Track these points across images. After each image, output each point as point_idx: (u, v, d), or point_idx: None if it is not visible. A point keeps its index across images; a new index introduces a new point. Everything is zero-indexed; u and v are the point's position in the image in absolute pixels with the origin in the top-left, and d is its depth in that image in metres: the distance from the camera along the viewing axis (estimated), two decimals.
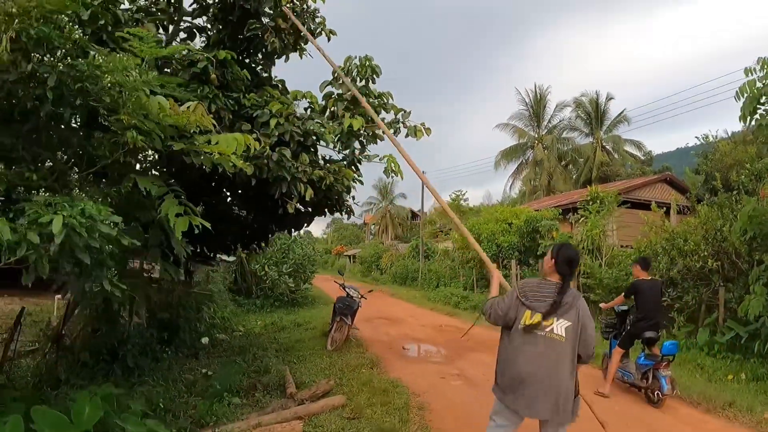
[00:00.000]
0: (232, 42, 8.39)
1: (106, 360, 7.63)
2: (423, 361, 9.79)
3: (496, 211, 21.79)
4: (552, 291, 3.69)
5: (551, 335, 3.62)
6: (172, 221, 4.88)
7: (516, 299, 3.73)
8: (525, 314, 3.65)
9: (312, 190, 7.18)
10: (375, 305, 19.71)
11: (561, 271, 3.78)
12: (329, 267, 56.72)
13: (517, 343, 3.69)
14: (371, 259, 40.59)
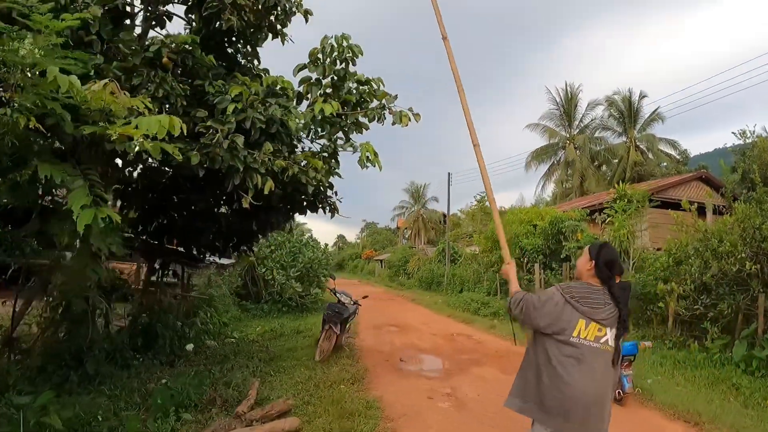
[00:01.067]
0: (207, 29, 7.73)
1: (70, 366, 7.12)
2: (417, 375, 8.83)
3: (520, 213, 20.68)
4: (602, 299, 3.19)
5: (605, 347, 3.15)
6: (75, 213, 4.29)
7: (565, 303, 3.18)
8: (579, 323, 3.14)
9: (272, 183, 6.40)
10: (389, 311, 19.06)
11: (601, 276, 3.25)
12: (359, 271, 56.30)
13: (567, 355, 3.14)
14: (399, 263, 39.78)
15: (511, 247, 18.45)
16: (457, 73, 4.23)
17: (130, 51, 6.25)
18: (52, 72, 4.23)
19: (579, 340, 3.12)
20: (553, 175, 41.04)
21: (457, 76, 4.22)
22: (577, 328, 3.12)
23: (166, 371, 8.07)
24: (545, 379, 3.19)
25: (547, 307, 3.20)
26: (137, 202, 9.81)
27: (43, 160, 4.62)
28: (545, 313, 3.19)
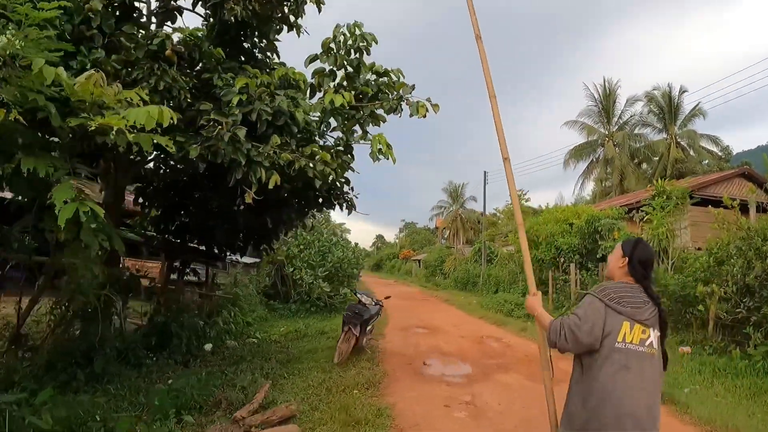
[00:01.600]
0: (221, 23, 7.58)
1: (80, 364, 7.00)
2: (437, 381, 8.43)
3: (556, 211, 20.04)
4: (642, 297, 2.89)
5: (651, 350, 2.84)
6: (58, 207, 4.15)
7: (605, 307, 2.85)
8: (624, 326, 2.81)
9: (278, 177, 6.15)
10: (420, 312, 18.74)
11: (636, 274, 2.98)
12: (396, 271, 56.03)
13: (614, 364, 2.79)
14: (435, 263, 39.34)
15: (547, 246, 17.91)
16: (489, 76, 3.85)
17: (134, 44, 6.10)
18: (37, 64, 4.08)
19: (625, 345, 2.79)
20: (592, 173, 39.95)
21: (488, 79, 3.85)
22: (621, 332, 2.80)
23: (178, 371, 7.91)
24: (593, 400, 2.81)
25: (589, 318, 2.84)
26: (159, 200, 9.76)
27: (29, 154, 4.47)
28: (590, 326, 2.82)
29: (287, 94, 6.60)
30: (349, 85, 7.65)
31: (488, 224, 34.00)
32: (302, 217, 9.42)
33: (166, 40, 6.28)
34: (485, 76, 3.83)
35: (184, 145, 6.01)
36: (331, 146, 7.57)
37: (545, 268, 18.44)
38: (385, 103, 7.61)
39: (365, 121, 7.69)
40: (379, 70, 7.83)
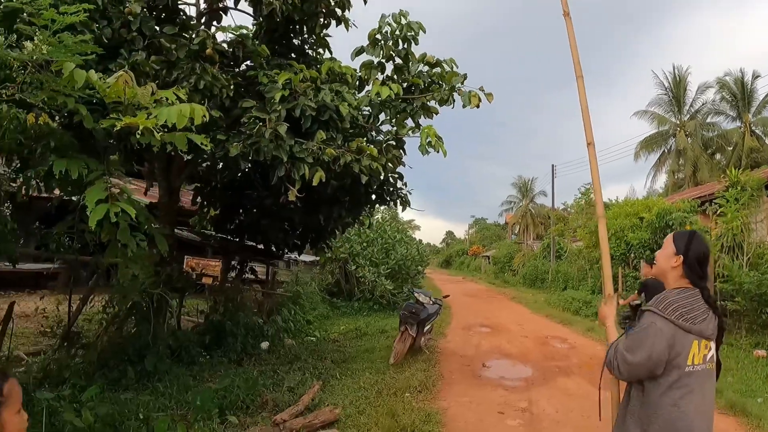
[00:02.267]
0: (268, 21, 7.54)
1: (132, 361, 7.05)
2: (494, 384, 8.06)
3: (626, 205, 19.06)
4: (701, 303, 2.45)
5: (711, 365, 2.49)
6: (90, 208, 4.13)
7: (675, 328, 2.39)
8: (693, 346, 2.40)
9: (323, 173, 5.98)
10: (485, 311, 18.35)
11: (692, 275, 2.54)
12: (465, 268, 55.40)
13: (682, 391, 2.40)
14: (504, 259, 38.53)
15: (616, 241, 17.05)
16: (576, 54, 3.60)
17: (175, 45, 6.09)
18: (67, 68, 4.08)
19: (693, 367, 2.41)
20: (663, 165, 37.88)
21: (576, 57, 3.59)
22: (691, 354, 2.40)
23: (231, 370, 7.88)
24: (655, 429, 2.44)
25: (647, 344, 2.40)
26: (217, 199, 9.84)
27: (62, 156, 4.48)
28: (647, 354, 2.40)
29: (332, 88, 6.42)
30: (398, 77, 7.41)
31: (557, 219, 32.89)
32: (355, 215, 9.22)
33: (207, 39, 6.24)
34: (573, 55, 3.56)
35: (226, 144, 5.95)
36: (381, 141, 7.35)
37: (615, 265, 17.58)
38: (437, 94, 7.31)
39: (417, 114, 7.42)
40: (430, 60, 7.54)
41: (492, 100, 7.03)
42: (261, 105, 6.20)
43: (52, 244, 5.43)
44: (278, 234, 9.43)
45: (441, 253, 77.49)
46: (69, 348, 7.07)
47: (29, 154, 4.77)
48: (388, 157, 6.97)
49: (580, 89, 3.47)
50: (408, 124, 7.56)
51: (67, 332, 7.17)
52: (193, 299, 11.40)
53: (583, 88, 3.47)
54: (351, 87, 7.07)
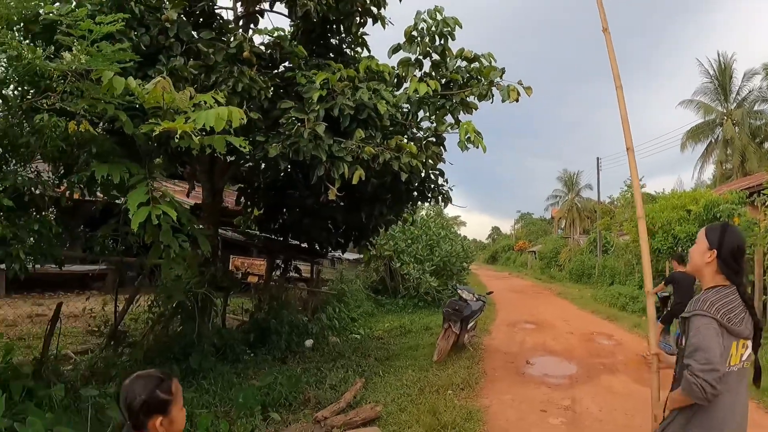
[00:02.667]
0: (305, 22, 7.62)
1: (177, 359, 7.22)
2: (538, 382, 7.94)
3: (672, 197, 18.47)
4: (738, 303, 2.42)
5: (747, 365, 2.48)
6: (132, 211, 4.29)
7: (719, 327, 2.35)
8: (732, 347, 2.39)
9: (362, 171, 6.01)
10: (530, 307, 18.15)
11: (727, 270, 2.49)
12: (511, 263, 54.76)
13: (728, 388, 2.39)
14: (550, 254, 37.90)
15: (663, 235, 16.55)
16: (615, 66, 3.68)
17: (212, 49, 6.20)
18: (106, 76, 4.21)
19: (731, 368, 2.39)
20: (711, 155, 36.32)
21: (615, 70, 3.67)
22: (729, 355, 2.38)
23: (275, 368, 7.98)
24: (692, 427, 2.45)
25: (714, 346, 2.33)
26: (261, 200, 9.98)
27: (103, 161, 4.62)
28: (718, 355, 2.32)
29: (369, 86, 6.43)
30: (436, 74, 7.37)
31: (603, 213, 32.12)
32: (397, 212, 9.20)
33: (243, 42, 6.33)
34: (612, 67, 3.68)
35: (265, 145, 6.04)
36: (421, 138, 7.33)
37: (662, 259, 17.10)
38: (475, 89, 7.25)
39: (456, 110, 7.37)
40: (468, 55, 7.48)
41: (531, 94, 6.94)
42: (299, 105, 6.25)
43: (96, 246, 5.60)
44: (321, 233, 9.50)
45: (487, 249, 76.76)
46: (116, 347, 7.27)
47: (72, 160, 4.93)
48: (428, 154, 6.96)
49: (620, 99, 3.57)
50: (447, 121, 7.52)
51: (114, 331, 7.38)
52: (239, 298, 11.59)
53: (623, 97, 3.56)
54: (389, 85, 7.07)
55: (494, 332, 12.62)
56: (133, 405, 2.01)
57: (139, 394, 2.01)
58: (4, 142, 4.78)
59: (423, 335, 11.79)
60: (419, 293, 16.90)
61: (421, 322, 13.62)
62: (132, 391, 2.03)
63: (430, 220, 20.28)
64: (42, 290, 13.41)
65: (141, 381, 2.06)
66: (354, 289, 15.22)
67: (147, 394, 2.02)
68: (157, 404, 2.03)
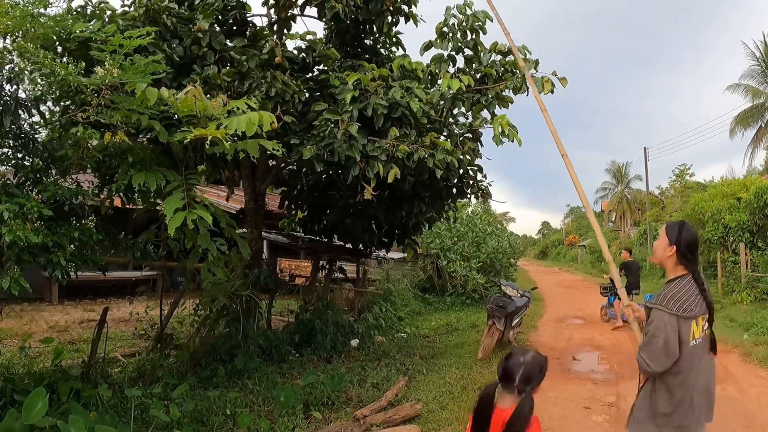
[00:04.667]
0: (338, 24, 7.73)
1: (223, 360, 7.39)
2: (583, 378, 7.78)
3: (722, 185, 17.79)
4: (694, 289, 2.94)
5: (706, 334, 3.02)
6: (168, 217, 4.41)
7: (677, 319, 2.85)
8: (692, 326, 2.88)
9: (398, 170, 6.04)
10: (579, 302, 17.94)
11: (685, 261, 3.00)
12: (561, 258, 53.75)
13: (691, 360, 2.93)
14: (599, 248, 36.92)
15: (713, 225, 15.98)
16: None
17: (245, 57, 6.33)
18: (139, 88, 4.36)
19: (695, 341, 2.91)
20: (761, 141, 34.47)
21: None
22: (691, 332, 2.88)
23: (320, 367, 8.07)
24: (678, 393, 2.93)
25: (662, 336, 2.83)
26: (304, 201, 10.11)
27: (140, 169, 4.78)
28: (665, 341, 2.83)
29: (402, 84, 6.44)
30: (469, 69, 7.34)
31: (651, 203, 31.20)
32: (438, 209, 9.18)
33: (276, 47, 6.44)
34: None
35: (299, 148, 6.13)
36: (456, 134, 7.31)
37: (713, 249, 16.51)
38: (510, 82, 7.19)
39: (491, 105, 7.32)
40: (502, 49, 7.46)
41: (566, 85, 6.85)
42: (333, 107, 6.32)
43: (136, 252, 5.80)
44: (363, 232, 9.56)
45: (537, 245, 75.61)
46: (162, 349, 7.46)
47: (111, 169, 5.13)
48: (465, 150, 6.92)
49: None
50: (483, 116, 7.47)
51: (160, 334, 7.56)
52: (286, 299, 11.77)
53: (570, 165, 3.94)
54: (423, 82, 7.07)
55: (541, 328, 12.47)
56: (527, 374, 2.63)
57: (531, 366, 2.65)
58: (44, 155, 5.01)
59: (469, 333, 11.71)
60: (466, 291, 16.78)
61: (467, 320, 13.52)
62: (528, 363, 2.66)
63: (476, 217, 20.07)
64: (94, 296, 13.88)
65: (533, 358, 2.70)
66: (401, 288, 15.23)
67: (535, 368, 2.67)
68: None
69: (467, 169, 7.61)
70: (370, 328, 11.23)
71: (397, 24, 8.00)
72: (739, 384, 7.51)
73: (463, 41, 7.16)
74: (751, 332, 10.79)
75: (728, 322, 12.36)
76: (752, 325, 11.26)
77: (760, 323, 11.13)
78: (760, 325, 11.04)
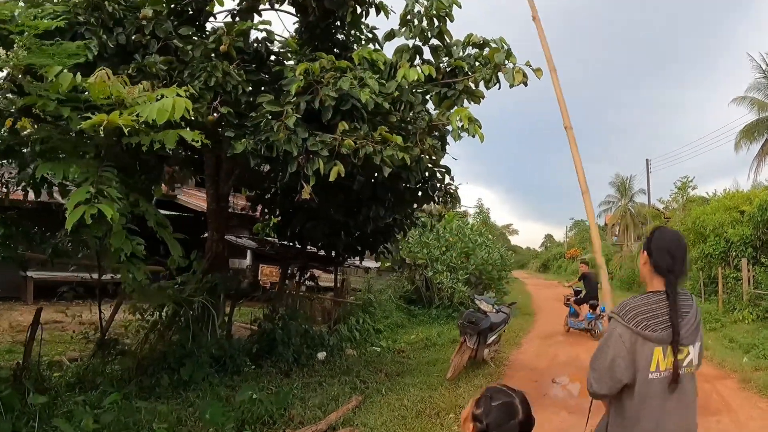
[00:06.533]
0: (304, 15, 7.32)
1: (173, 369, 6.92)
2: (559, 405, 7.11)
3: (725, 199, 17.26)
4: (665, 308, 2.36)
5: (689, 369, 2.42)
6: (69, 210, 4.05)
7: (632, 334, 2.34)
8: (655, 354, 2.32)
9: (342, 167, 5.50)
10: None
11: (660, 269, 2.45)
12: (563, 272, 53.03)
13: (645, 396, 2.36)
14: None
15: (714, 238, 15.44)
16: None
17: (191, 45, 5.90)
18: (52, 72, 3.98)
19: (659, 374, 2.33)
20: (767, 155, 33.96)
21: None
22: (654, 361, 2.33)
23: (275, 381, 7.53)
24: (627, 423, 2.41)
25: (611, 351, 2.38)
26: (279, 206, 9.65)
27: (47, 159, 4.34)
28: (611, 359, 2.37)
29: (355, 75, 5.91)
30: (436, 60, 6.83)
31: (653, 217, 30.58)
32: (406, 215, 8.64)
33: (222, 36, 6.00)
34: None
35: (233, 141, 5.65)
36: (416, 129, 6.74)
37: (714, 265, 15.91)
38: (479, 74, 6.61)
39: (459, 99, 6.76)
40: (476, 41, 6.88)
41: (541, 76, 6.32)
42: (277, 99, 5.84)
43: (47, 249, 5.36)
44: (326, 237, 9.09)
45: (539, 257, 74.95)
46: (104, 355, 7.06)
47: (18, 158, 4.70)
48: (424, 147, 6.34)
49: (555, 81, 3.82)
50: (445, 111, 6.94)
51: (101, 339, 7.16)
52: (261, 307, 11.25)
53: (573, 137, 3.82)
54: (385, 74, 6.54)
55: (525, 345, 11.89)
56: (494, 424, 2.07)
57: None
58: None
59: (447, 349, 11.05)
60: (453, 303, 16.18)
61: (449, 335, 12.85)
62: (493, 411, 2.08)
63: (466, 227, 19.53)
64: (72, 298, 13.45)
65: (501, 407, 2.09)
66: (383, 299, 14.69)
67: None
68: None
69: (433, 170, 7.12)
70: (343, 341, 10.71)
71: (366, 16, 7.55)
72: (736, 416, 6.87)
73: (429, 28, 6.65)
74: (752, 355, 10.21)
75: (727, 342, 11.75)
76: (753, 346, 10.68)
77: (762, 344, 10.57)
78: (761, 346, 10.48)
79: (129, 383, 6.41)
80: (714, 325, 13.74)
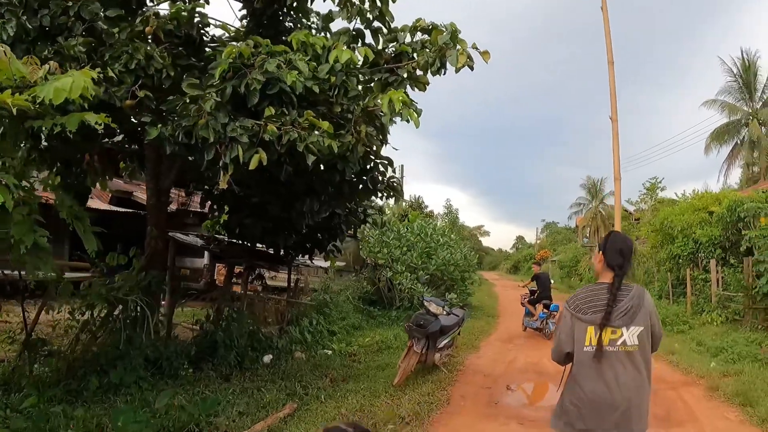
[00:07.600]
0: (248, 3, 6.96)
1: (105, 371, 6.59)
2: (510, 415, 6.68)
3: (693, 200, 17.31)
4: (604, 296, 2.96)
5: (624, 348, 2.92)
6: None
7: (572, 317, 3.02)
8: (588, 332, 2.95)
9: (264, 155, 5.12)
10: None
11: (612, 266, 3.03)
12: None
13: (582, 366, 3.01)
14: (569, 264, 36.55)
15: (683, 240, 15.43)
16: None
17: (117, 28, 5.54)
18: None
19: (592, 347, 2.94)
20: (737, 158, 34.31)
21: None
22: (587, 337, 2.96)
23: (213, 385, 7.12)
24: (575, 399, 3.03)
25: (559, 329, 3.12)
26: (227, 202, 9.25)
27: None
28: (563, 337, 3.08)
29: (285, 58, 5.51)
30: (376, 42, 6.47)
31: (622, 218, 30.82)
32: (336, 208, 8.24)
33: (151, 17, 5.58)
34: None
35: (147, 126, 5.25)
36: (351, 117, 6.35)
37: (683, 266, 15.88)
38: (421, 59, 6.21)
39: (402, 85, 6.34)
40: (424, 26, 6.46)
41: (489, 59, 5.93)
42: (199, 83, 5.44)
43: None
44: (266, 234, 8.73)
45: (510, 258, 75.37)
46: (30, 356, 6.65)
47: None
48: (359, 136, 5.95)
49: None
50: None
51: (26, 339, 6.74)
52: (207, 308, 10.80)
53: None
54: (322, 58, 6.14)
55: (483, 348, 11.58)
56: None
57: None
58: None
59: (401, 353, 10.75)
60: (413, 305, 15.86)
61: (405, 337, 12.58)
62: None
63: (429, 227, 19.22)
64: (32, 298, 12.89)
65: None
66: (341, 299, 14.32)
67: None
68: None
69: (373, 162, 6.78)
70: (293, 343, 10.33)
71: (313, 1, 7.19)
72: (701, 427, 6.47)
73: (370, 9, 6.29)
74: (720, 359, 9.99)
75: (695, 345, 11.56)
76: (722, 350, 10.50)
77: (731, 348, 10.38)
78: (730, 350, 10.29)
79: (57, 386, 6.12)
80: (682, 328, 13.64)
